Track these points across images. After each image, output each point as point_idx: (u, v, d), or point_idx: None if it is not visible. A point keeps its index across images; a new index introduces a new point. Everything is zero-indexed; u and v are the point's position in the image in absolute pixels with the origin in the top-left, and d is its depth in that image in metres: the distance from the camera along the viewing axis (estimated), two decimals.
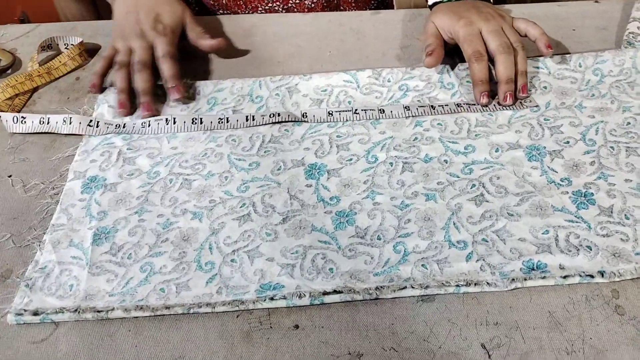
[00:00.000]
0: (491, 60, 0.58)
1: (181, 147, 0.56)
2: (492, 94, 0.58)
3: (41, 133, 0.59)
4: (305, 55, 0.66)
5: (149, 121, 0.59)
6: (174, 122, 0.58)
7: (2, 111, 0.60)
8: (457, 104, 0.58)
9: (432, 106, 0.57)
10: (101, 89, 0.62)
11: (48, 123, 0.58)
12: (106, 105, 0.61)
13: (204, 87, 0.62)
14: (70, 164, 0.55)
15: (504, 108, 0.57)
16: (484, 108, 0.57)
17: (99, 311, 0.43)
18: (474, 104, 0.58)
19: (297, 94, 0.60)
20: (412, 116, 0.57)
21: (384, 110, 0.58)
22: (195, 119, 0.58)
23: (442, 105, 0.57)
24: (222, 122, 0.58)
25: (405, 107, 0.58)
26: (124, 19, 0.64)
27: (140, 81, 0.60)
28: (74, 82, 0.65)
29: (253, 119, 0.58)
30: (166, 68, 0.61)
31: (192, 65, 0.66)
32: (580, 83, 0.59)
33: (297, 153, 0.55)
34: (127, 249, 0.48)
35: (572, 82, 0.59)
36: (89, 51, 0.69)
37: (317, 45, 0.67)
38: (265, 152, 0.55)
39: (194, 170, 0.54)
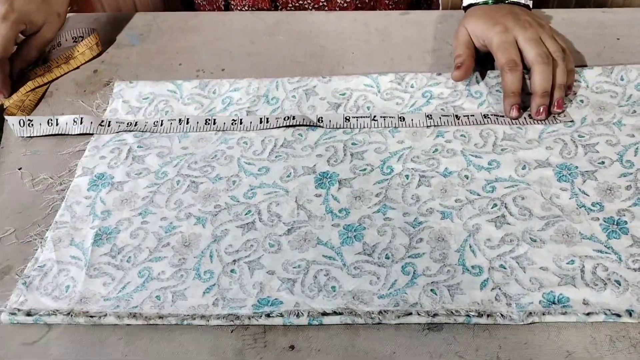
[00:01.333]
0: (527, 70, 0.54)
1: (192, 147, 0.54)
2: (524, 107, 0.54)
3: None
4: (327, 56, 0.63)
5: (162, 120, 0.57)
6: (187, 122, 0.56)
7: (12, 114, 0.59)
8: (484, 115, 0.54)
9: (456, 116, 0.54)
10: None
11: (57, 124, 0.57)
12: (120, 101, 0.60)
13: (220, 86, 0.60)
14: (80, 160, 0.54)
15: (536, 122, 0.53)
16: (513, 121, 0.53)
17: (91, 316, 0.42)
18: (503, 116, 0.54)
19: (314, 96, 0.58)
20: (434, 125, 0.54)
21: (404, 118, 0.54)
22: (209, 120, 0.56)
23: (467, 116, 0.54)
24: (235, 123, 0.56)
25: (427, 116, 0.54)
26: None
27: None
28: (91, 75, 0.64)
29: (267, 121, 0.56)
30: None
31: (209, 61, 0.64)
32: (620, 98, 0.54)
33: (309, 159, 0.52)
34: (127, 252, 0.46)
35: (612, 96, 0.54)
36: (104, 44, 0.68)
37: (340, 46, 0.64)
38: (276, 156, 0.53)
39: (202, 173, 0.52)
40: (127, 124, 0.57)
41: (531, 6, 0.61)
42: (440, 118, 0.54)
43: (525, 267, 0.42)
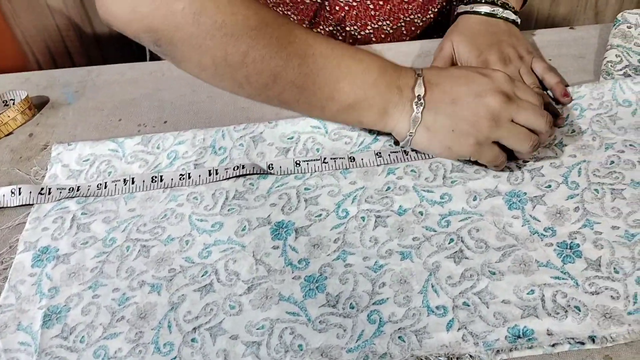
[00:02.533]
0: None
1: (139, 209, 0.53)
2: None
3: None
4: None
5: (106, 182, 0.55)
6: (133, 182, 0.54)
7: None
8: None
9: (405, 151, 0.54)
10: None
11: None
12: (60, 165, 0.57)
13: (164, 140, 0.58)
14: (21, 234, 0.52)
15: None
16: None
17: None
18: None
19: (262, 143, 0.57)
20: (384, 164, 0.54)
21: (354, 159, 0.54)
22: (155, 177, 0.55)
23: (415, 150, 0.54)
24: (183, 178, 0.55)
25: (377, 154, 0.54)
26: None
27: None
28: (26, 139, 0.61)
29: (216, 173, 0.54)
30: None
31: (150, 114, 0.62)
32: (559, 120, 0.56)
33: (263, 210, 0.51)
34: (79, 331, 0.44)
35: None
36: (38, 105, 0.65)
37: None
38: (229, 210, 0.51)
39: (153, 235, 0.50)
40: (69, 189, 0.54)
41: (519, 22, 0.62)
42: (389, 155, 0.54)
43: (488, 302, 0.42)
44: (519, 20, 0.63)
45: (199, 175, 0.55)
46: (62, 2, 1.29)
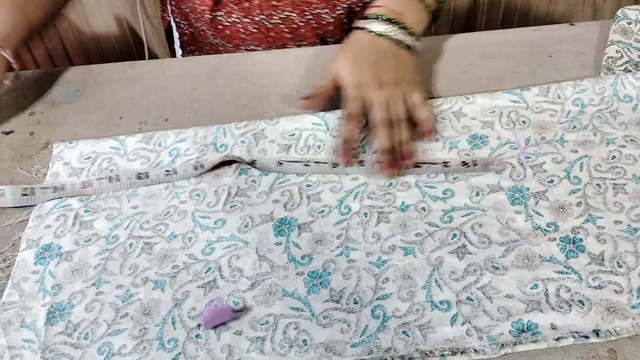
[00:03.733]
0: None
1: (142, 206, 0.53)
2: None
3: None
4: (272, 96, 0.63)
5: (91, 180, 0.54)
6: (118, 180, 0.54)
7: None
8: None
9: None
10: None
11: None
12: (61, 163, 0.57)
13: (165, 137, 0.58)
14: (23, 232, 0.51)
15: (470, 175, 0.53)
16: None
17: None
18: (435, 163, 0.53)
19: (263, 140, 0.57)
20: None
21: (337, 165, 0.54)
22: (142, 174, 0.55)
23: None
24: (169, 174, 0.54)
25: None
26: None
27: None
28: (27, 138, 0.61)
29: (202, 167, 0.54)
30: None
31: (151, 112, 0.62)
32: (560, 115, 0.56)
33: (266, 207, 0.51)
34: (83, 328, 0.44)
35: (552, 114, 0.56)
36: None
37: (284, 85, 0.64)
38: (231, 206, 0.51)
39: (156, 232, 0.50)
40: (53, 189, 0.54)
41: (415, 46, 0.60)
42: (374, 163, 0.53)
43: (492, 297, 0.42)
44: (416, 44, 0.60)
45: (185, 170, 0.54)
46: None
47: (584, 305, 0.41)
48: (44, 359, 0.42)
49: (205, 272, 0.47)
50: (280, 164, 0.54)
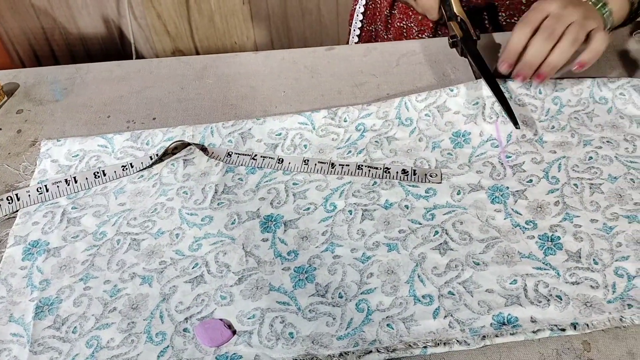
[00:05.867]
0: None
1: (129, 203, 0.53)
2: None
3: None
4: (259, 96, 0.64)
5: (46, 185, 0.55)
6: (75, 181, 0.55)
7: None
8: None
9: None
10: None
11: None
12: (49, 160, 0.57)
13: (153, 136, 0.59)
14: (11, 228, 0.52)
15: (459, 147, 0.55)
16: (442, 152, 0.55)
17: None
18: (376, 168, 0.54)
19: (250, 139, 0.58)
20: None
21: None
22: (97, 173, 0.55)
23: (342, 165, 0.54)
24: (126, 169, 0.56)
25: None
26: None
27: None
28: (15, 136, 0.61)
29: (157, 156, 0.56)
30: None
31: (139, 111, 0.63)
32: (540, 112, 0.57)
33: (252, 204, 0.52)
34: (71, 322, 0.44)
35: (532, 110, 0.58)
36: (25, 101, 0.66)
37: (271, 85, 0.65)
38: (218, 204, 0.52)
39: (143, 229, 0.51)
40: (7, 200, 0.54)
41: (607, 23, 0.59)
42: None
43: (473, 291, 0.44)
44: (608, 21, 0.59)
45: (142, 163, 0.56)
46: (47, 2, 1.28)
47: (561, 300, 0.42)
48: (32, 352, 0.43)
49: (193, 268, 0.47)
50: (229, 155, 0.55)
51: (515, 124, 0.54)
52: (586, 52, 0.55)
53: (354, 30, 0.88)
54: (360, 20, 0.87)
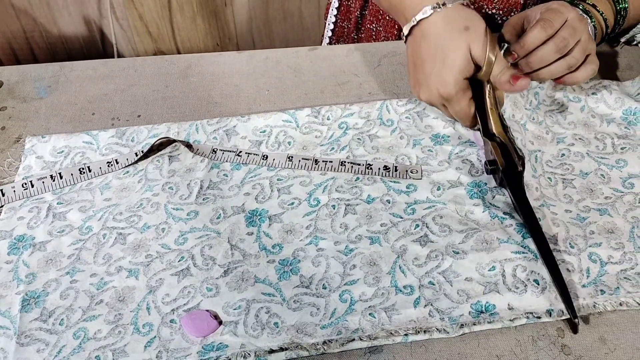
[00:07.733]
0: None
1: (115, 199, 0.54)
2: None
3: None
4: (243, 95, 0.65)
5: (31, 181, 0.55)
6: (61, 177, 0.55)
7: None
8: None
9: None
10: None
11: None
12: (34, 157, 0.58)
13: (138, 133, 0.59)
14: None
15: (442, 143, 0.57)
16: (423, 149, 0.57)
17: None
18: (359, 164, 0.55)
19: (235, 136, 0.59)
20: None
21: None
22: (83, 169, 0.56)
23: (325, 161, 0.56)
24: (111, 165, 0.56)
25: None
26: None
27: None
28: None
29: (141, 153, 0.57)
30: None
31: (124, 108, 0.64)
32: (525, 101, 0.59)
33: (237, 199, 0.53)
34: (58, 314, 0.45)
35: (521, 95, 0.59)
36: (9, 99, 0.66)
37: (254, 84, 0.66)
38: (204, 199, 0.53)
39: (129, 223, 0.51)
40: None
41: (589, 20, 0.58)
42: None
43: (452, 281, 0.45)
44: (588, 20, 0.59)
45: (127, 159, 0.56)
46: (27, 2, 1.28)
47: (538, 284, 0.44)
48: (19, 344, 0.43)
49: (179, 261, 0.48)
50: (214, 151, 0.57)
51: (575, 317, 0.43)
52: (570, 77, 0.55)
53: (329, 24, 0.89)
54: (334, 15, 0.88)
